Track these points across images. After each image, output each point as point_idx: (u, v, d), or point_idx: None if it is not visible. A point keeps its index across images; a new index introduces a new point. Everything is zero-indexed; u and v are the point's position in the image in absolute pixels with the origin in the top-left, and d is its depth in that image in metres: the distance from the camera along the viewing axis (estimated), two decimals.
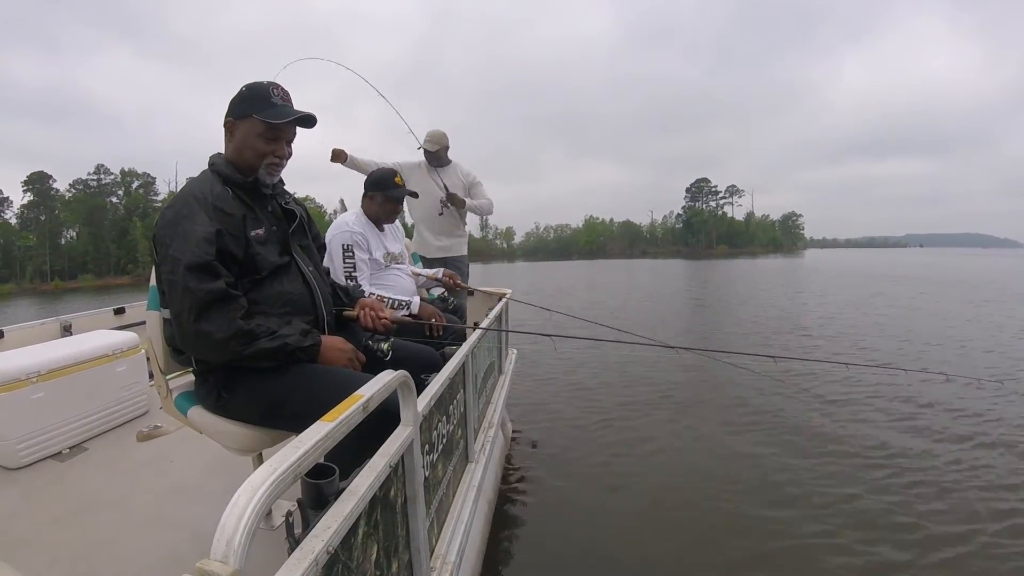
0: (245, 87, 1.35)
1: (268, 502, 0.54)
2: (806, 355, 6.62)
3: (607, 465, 3.64)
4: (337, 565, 0.69)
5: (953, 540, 2.62)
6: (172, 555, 1.51)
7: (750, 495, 3.15)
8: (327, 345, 1.32)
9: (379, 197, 2.37)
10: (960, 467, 3.42)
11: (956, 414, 4.42)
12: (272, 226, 1.38)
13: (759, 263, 42.96)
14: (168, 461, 2.16)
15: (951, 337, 7.92)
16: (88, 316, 3.11)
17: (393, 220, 2.52)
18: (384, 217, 2.42)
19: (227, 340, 1.19)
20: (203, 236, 1.19)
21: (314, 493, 0.86)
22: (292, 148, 1.40)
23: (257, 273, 1.30)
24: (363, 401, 0.79)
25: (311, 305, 1.41)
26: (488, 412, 2.46)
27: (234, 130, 1.34)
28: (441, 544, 1.38)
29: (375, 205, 2.39)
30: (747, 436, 4.08)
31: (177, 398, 1.46)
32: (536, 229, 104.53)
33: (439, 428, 1.46)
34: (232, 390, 1.31)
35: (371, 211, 2.40)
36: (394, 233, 2.56)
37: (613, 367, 6.24)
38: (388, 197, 2.38)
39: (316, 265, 1.50)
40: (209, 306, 1.18)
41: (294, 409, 1.24)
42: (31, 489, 1.95)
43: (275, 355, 1.24)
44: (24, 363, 2.15)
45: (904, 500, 3.00)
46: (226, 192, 1.31)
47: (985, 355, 6.75)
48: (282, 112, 1.31)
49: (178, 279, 1.17)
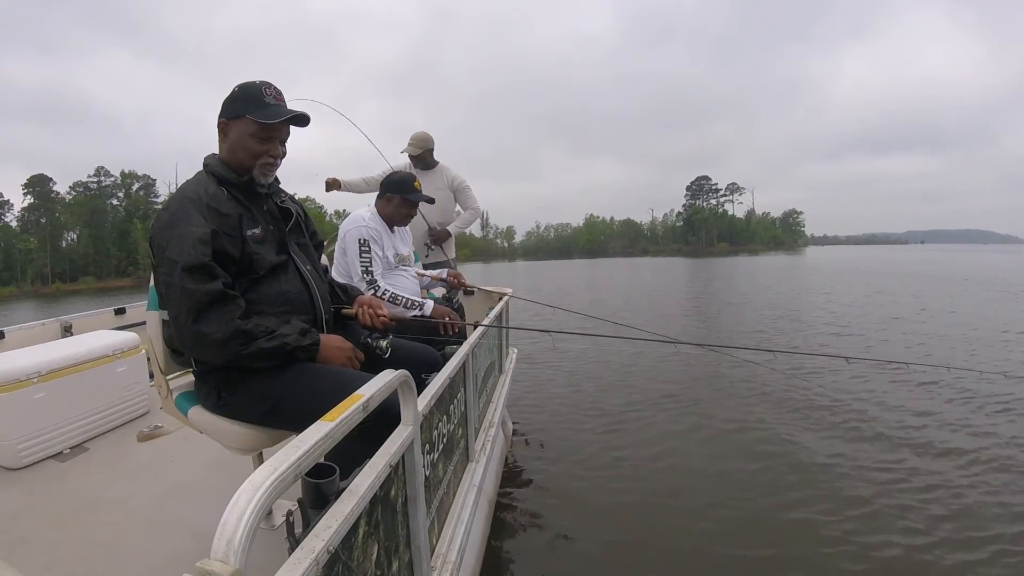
0: (237, 87, 1.34)
1: (268, 502, 0.54)
2: (808, 350, 6.56)
3: (609, 463, 3.63)
4: (337, 565, 0.69)
5: (963, 543, 2.58)
6: (172, 555, 1.51)
7: (757, 498, 3.14)
8: (326, 344, 1.32)
9: (397, 200, 2.38)
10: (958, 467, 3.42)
11: (959, 406, 4.43)
12: (269, 225, 1.38)
13: (760, 260, 42.94)
14: (168, 461, 2.16)
15: (956, 332, 7.92)
16: (88, 317, 3.11)
17: (406, 223, 2.54)
18: (398, 220, 2.44)
19: (225, 341, 1.19)
20: (199, 237, 1.19)
21: (314, 493, 0.86)
22: (286, 148, 1.39)
23: (255, 273, 1.30)
24: (363, 401, 0.79)
25: (309, 304, 1.40)
26: (489, 411, 2.46)
27: (227, 131, 1.34)
28: (441, 543, 1.38)
29: (391, 207, 2.40)
30: (752, 434, 4.08)
31: (177, 398, 1.46)
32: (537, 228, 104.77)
33: (439, 427, 1.46)
34: (232, 390, 1.31)
35: (385, 212, 2.41)
36: (403, 236, 2.57)
37: (615, 365, 6.23)
38: (406, 200, 2.39)
39: (314, 264, 1.50)
40: (207, 307, 1.17)
41: (294, 408, 1.24)
42: (32, 489, 1.95)
43: (274, 355, 1.24)
44: (25, 363, 2.15)
45: (919, 504, 2.92)
46: (221, 192, 1.31)
47: (989, 349, 6.77)
48: (275, 112, 1.31)
49: (175, 281, 1.17)
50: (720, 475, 3.43)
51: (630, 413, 4.68)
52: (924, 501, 2.96)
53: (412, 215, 2.49)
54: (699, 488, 3.26)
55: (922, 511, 2.86)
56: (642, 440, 4.05)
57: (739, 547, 2.63)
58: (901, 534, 2.66)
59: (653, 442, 4.01)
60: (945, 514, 2.83)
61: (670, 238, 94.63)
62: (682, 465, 3.62)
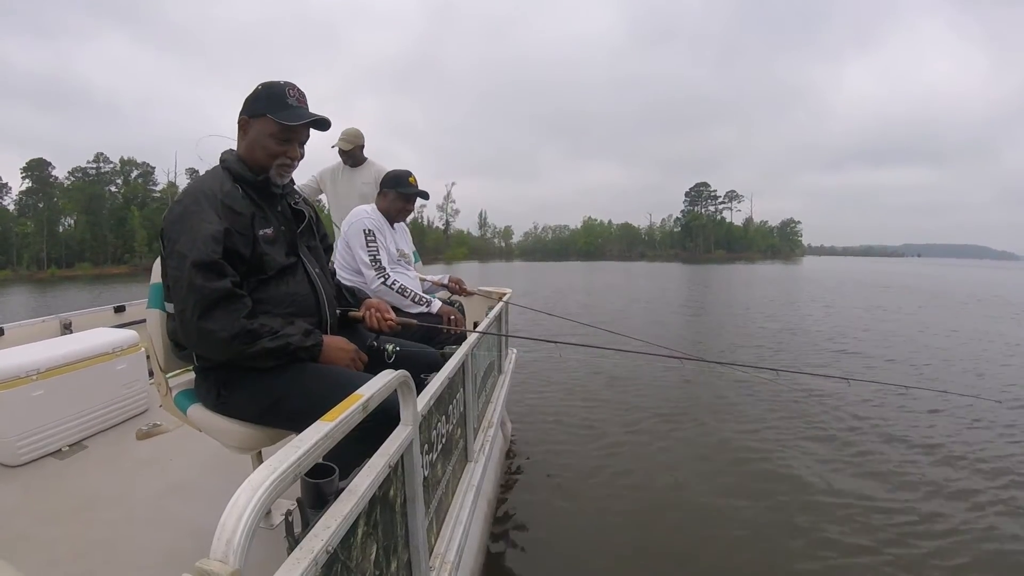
0: (261, 86, 1.34)
1: (268, 501, 0.54)
2: (809, 369, 6.15)
3: (607, 465, 3.64)
4: (336, 564, 0.69)
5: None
6: (171, 554, 1.51)
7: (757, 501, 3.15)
8: (329, 344, 1.32)
9: (391, 194, 2.42)
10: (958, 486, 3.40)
11: (968, 431, 4.25)
12: (281, 226, 1.38)
13: (757, 269, 42.64)
14: (167, 459, 2.16)
15: (950, 353, 7.66)
16: (88, 314, 3.11)
17: (404, 219, 2.57)
18: (395, 215, 2.47)
19: (231, 339, 1.19)
20: (211, 234, 1.19)
21: (314, 493, 0.86)
22: (304, 150, 1.40)
23: (263, 273, 1.30)
24: (363, 401, 0.79)
25: (315, 306, 1.41)
26: (488, 411, 2.46)
27: (248, 128, 1.34)
28: (440, 543, 1.38)
29: (387, 202, 2.44)
30: (750, 443, 4.08)
31: (177, 396, 1.46)
32: (535, 229, 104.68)
33: (439, 428, 1.46)
34: (231, 388, 1.31)
35: (383, 207, 2.45)
36: (403, 233, 2.59)
37: (613, 369, 6.22)
38: (400, 194, 2.42)
39: (322, 267, 1.51)
40: (214, 305, 1.18)
41: (293, 407, 1.25)
42: (31, 487, 1.95)
43: (277, 354, 1.24)
44: (24, 361, 2.15)
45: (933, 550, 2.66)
46: (236, 190, 1.31)
47: (994, 371, 6.54)
48: (296, 114, 1.31)
49: (183, 275, 1.17)
50: (721, 476, 3.43)
51: (630, 414, 4.69)
52: (939, 550, 2.65)
53: (409, 210, 2.52)
54: (701, 488, 3.26)
55: (938, 558, 2.59)
56: (641, 442, 4.06)
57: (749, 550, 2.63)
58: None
59: (654, 443, 4.02)
60: (964, 563, 2.56)
61: (667, 243, 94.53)
62: (682, 464, 3.63)
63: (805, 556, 2.57)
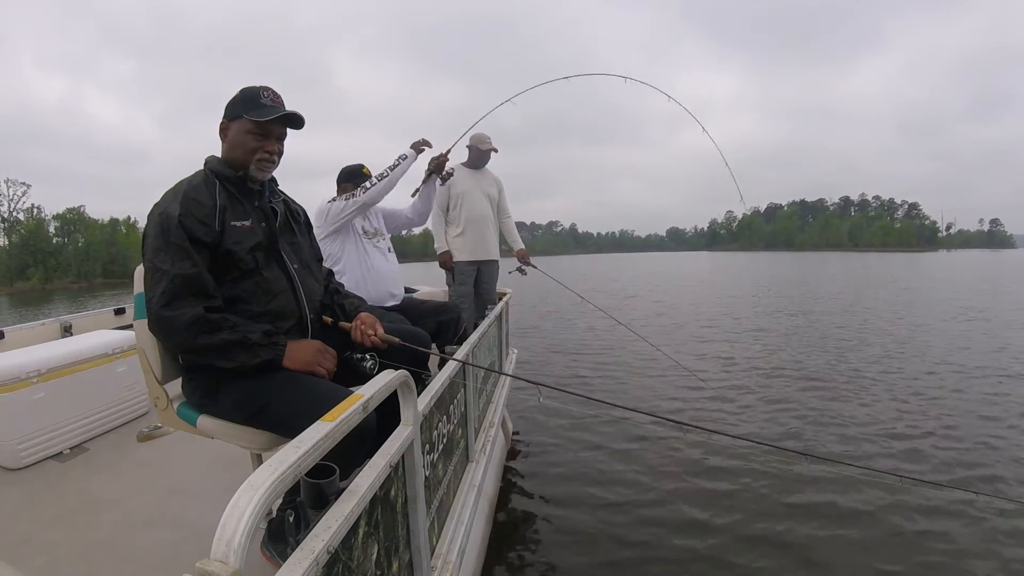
0: (239, 91, 1.42)
1: (268, 502, 0.54)
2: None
3: (608, 465, 3.64)
4: (337, 565, 0.69)
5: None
6: (172, 555, 1.51)
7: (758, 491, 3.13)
8: (294, 346, 1.32)
9: (350, 186, 2.52)
10: None
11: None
12: (261, 222, 1.43)
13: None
14: (168, 461, 2.16)
15: None
16: (88, 316, 3.12)
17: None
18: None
19: (190, 324, 1.22)
20: (177, 223, 1.26)
21: (314, 493, 0.87)
22: (283, 146, 1.46)
23: (236, 268, 1.33)
24: (363, 401, 0.79)
25: (294, 302, 1.42)
26: (489, 411, 2.46)
27: (228, 131, 1.42)
28: (442, 543, 1.38)
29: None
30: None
31: (180, 407, 1.45)
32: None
33: (439, 428, 1.46)
34: (214, 395, 1.33)
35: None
36: (374, 212, 2.63)
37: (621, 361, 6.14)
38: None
39: (302, 263, 1.52)
40: (177, 289, 1.22)
41: (275, 415, 1.26)
42: (32, 489, 1.95)
43: (235, 349, 1.24)
44: (24, 363, 2.14)
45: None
46: (204, 184, 1.37)
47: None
48: (269, 111, 1.39)
49: (149, 262, 1.25)
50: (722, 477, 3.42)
51: (631, 415, 4.67)
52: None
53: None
54: (701, 488, 3.26)
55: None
56: (641, 444, 4.05)
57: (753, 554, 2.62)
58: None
59: (653, 444, 4.01)
60: None
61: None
62: (681, 466, 3.62)
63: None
